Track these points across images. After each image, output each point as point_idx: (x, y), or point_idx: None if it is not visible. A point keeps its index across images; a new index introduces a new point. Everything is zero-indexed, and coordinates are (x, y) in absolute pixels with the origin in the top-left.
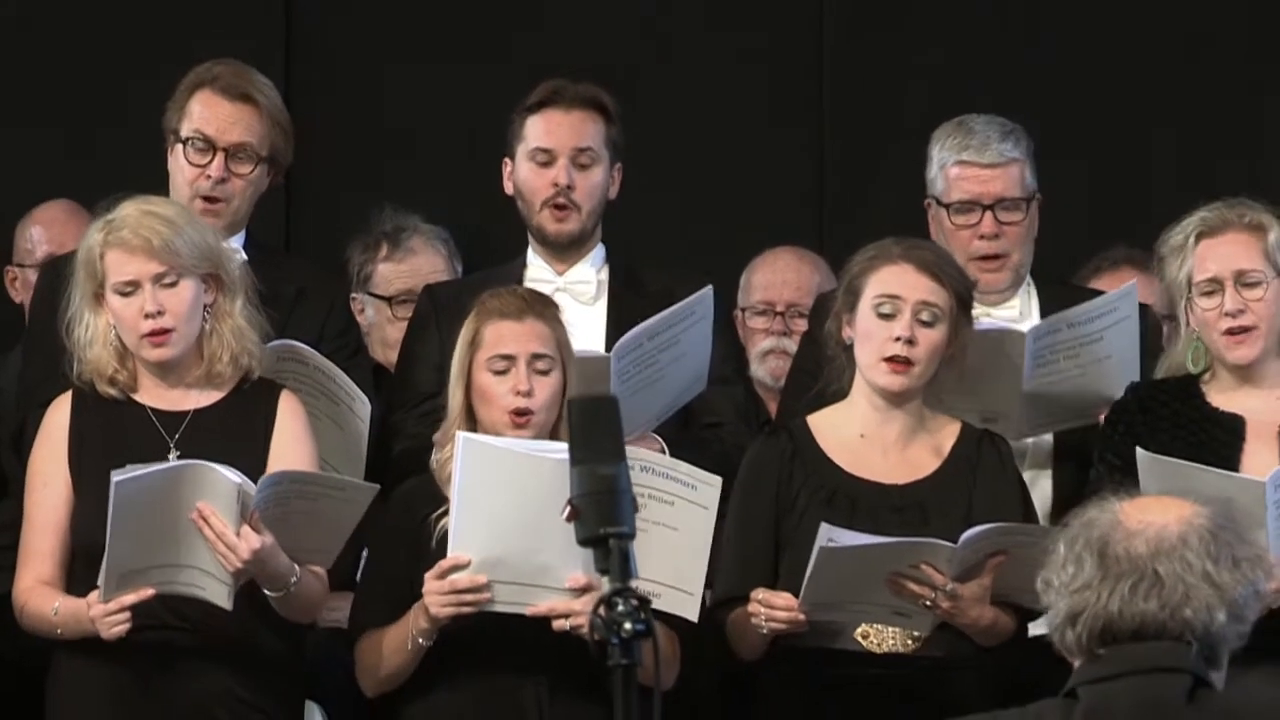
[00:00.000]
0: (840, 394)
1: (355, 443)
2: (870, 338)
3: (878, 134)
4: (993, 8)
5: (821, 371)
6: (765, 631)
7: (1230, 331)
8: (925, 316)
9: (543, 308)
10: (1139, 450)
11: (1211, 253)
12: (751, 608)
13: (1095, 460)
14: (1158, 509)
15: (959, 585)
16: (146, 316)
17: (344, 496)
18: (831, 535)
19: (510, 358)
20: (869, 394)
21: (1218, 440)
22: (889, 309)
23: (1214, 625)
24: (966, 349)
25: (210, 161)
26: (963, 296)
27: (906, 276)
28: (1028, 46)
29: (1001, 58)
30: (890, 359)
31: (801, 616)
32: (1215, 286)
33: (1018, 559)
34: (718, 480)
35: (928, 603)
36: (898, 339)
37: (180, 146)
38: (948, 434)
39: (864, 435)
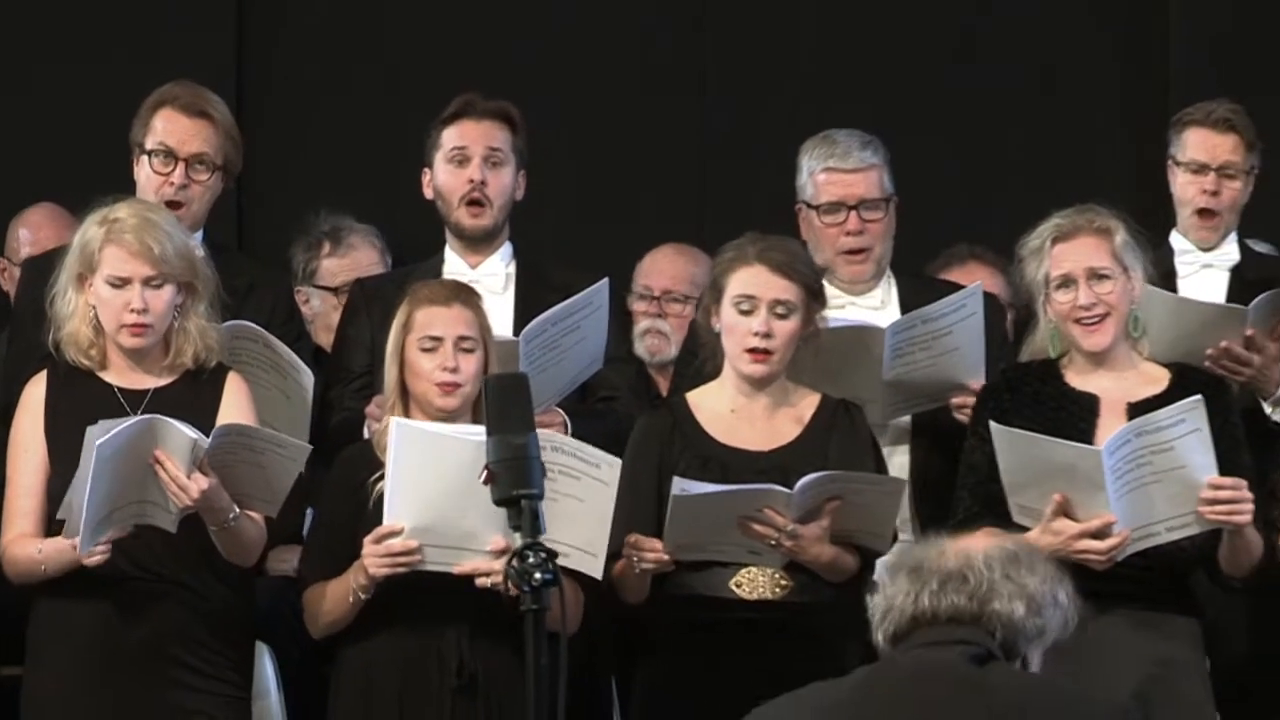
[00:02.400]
0: (717, 371)
1: (300, 409)
2: (733, 331)
3: (753, 145)
4: (862, 26)
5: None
6: (638, 571)
7: (1084, 322)
8: (780, 311)
9: (467, 295)
10: (992, 423)
11: (1066, 254)
12: (626, 551)
13: (969, 433)
14: (973, 541)
15: (799, 526)
16: (131, 310)
17: (284, 454)
18: (684, 486)
19: (438, 339)
20: (735, 377)
21: (1075, 416)
22: (747, 307)
23: (1015, 616)
24: (820, 331)
25: (172, 170)
26: (812, 287)
27: (761, 277)
28: (894, 63)
29: (869, 73)
30: (751, 350)
31: (666, 556)
32: (1070, 282)
33: (853, 504)
34: (618, 461)
35: (773, 542)
36: (756, 333)
37: (145, 157)
38: (808, 405)
39: (734, 410)
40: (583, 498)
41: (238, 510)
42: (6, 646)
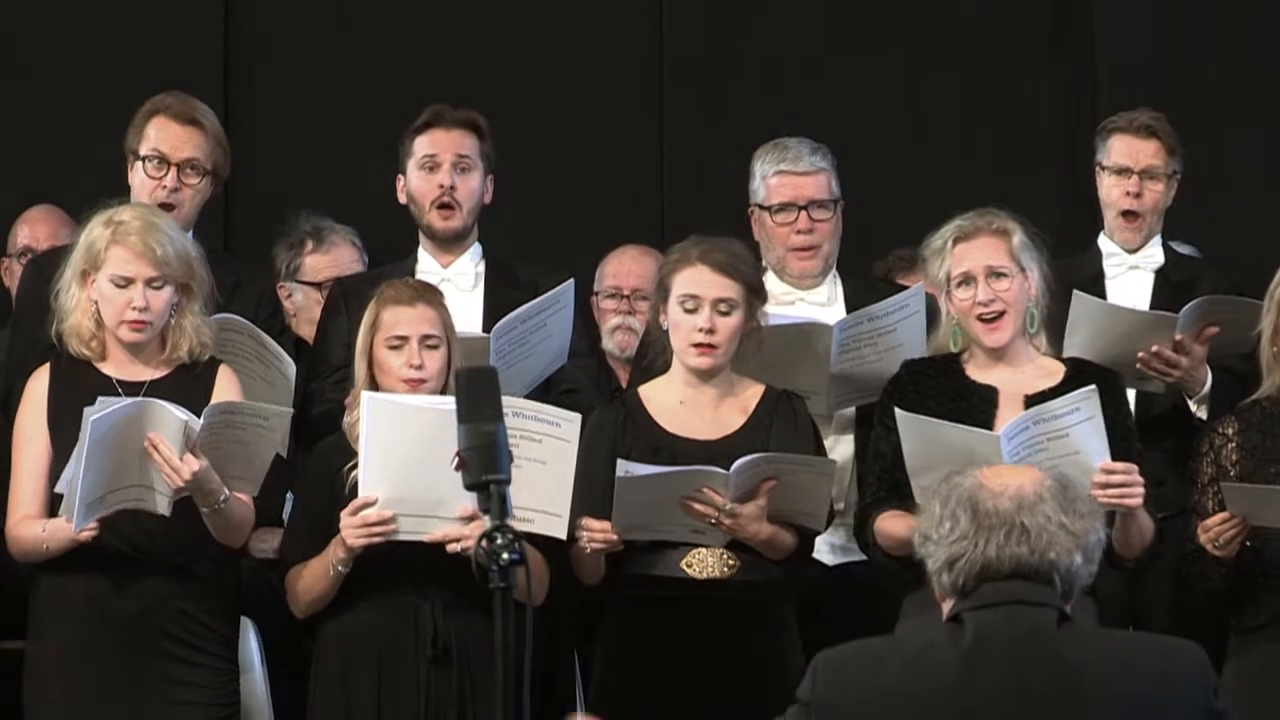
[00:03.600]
0: (667, 366)
1: (284, 397)
2: (679, 328)
3: (708, 153)
4: (813, 39)
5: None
6: (589, 551)
7: (984, 319)
8: (722, 308)
9: (430, 295)
10: (897, 410)
11: (966, 253)
12: (577, 533)
13: (875, 422)
14: (1011, 474)
15: (738, 506)
16: (133, 309)
17: (267, 425)
18: (627, 468)
19: (404, 338)
20: (684, 370)
21: (976, 408)
22: (691, 305)
23: (1073, 566)
24: (761, 327)
25: (165, 174)
26: (752, 285)
27: (703, 277)
28: (844, 76)
29: (817, 85)
30: (696, 345)
31: (615, 536)
32: (970, 280)
33: (787, 484)
34: (577, 417)
35: (713, 521)
36: (701, 330)
37: (140, 163)
38: (752, 395)
39: (683, 402)
40: (545, 460)
41: (228, 492)
42: (10, 622)
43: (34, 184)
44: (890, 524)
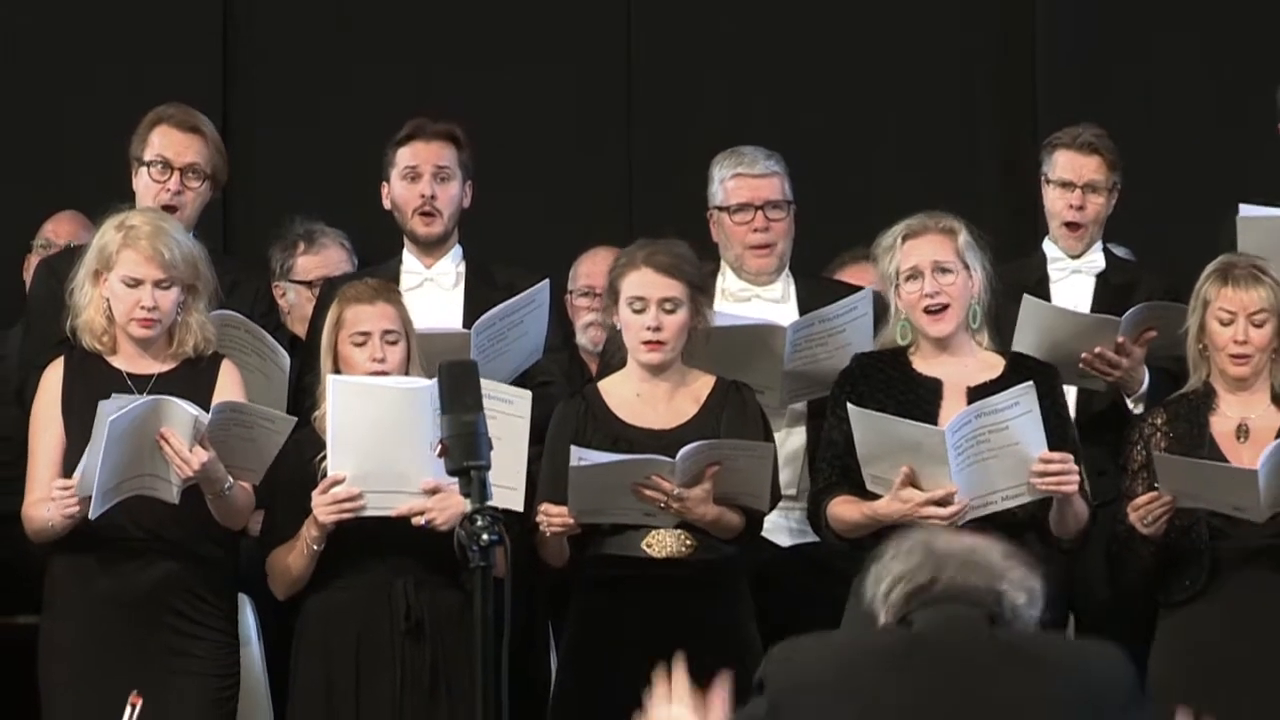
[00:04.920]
0: (623, 363)
1: (279, 389)
2: (629, 327)
3: (674, 157)
4: (773, 53)
5: None
6: (548, 534)
7: (929, 310)
8: (668, 307)
9: (389, 293)
10: (849, 405)
11: (914, 250)
12: (538, 518)
13: (828, 412)
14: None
15: (685, 490)
16: (142, 308)
17: (273, 427)
18: (581, 456)
19: (366, 333)
20: (637, 366)
21: (921, 399)
22: (639, 306)
23: (1018, 604)
24: (708, 322)
25: (169, 179)
26: (696, 283)
27: (648, 278)
28: (799, 89)
29: (775, 98)
30: (646, 342)
31: (571, 520)
32: (917, 274)
33: (731, 468)
34: (528, 393)
35: (662, 504)
36: (649, 328)
37: (144, 169)
38: (703, 386)
39: (639, 395)
40: (500, 436)
41: (232, 480)
42: (27, 598)
43: (39, 184)
44: (842, 509)
